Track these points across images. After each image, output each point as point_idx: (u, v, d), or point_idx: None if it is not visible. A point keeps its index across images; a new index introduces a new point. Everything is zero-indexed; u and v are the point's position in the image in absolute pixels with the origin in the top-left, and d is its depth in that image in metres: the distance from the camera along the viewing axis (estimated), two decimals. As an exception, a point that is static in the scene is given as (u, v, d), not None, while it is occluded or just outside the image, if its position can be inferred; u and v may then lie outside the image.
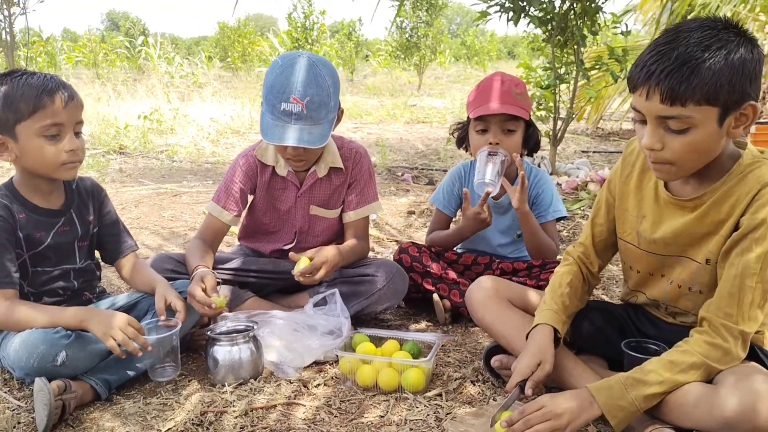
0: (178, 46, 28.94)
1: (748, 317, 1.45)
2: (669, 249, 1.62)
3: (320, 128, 2.09)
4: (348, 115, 11.15)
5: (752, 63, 1.36)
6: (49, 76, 1.87)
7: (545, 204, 2.43)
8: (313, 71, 2.08)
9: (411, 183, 5.17)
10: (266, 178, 2.36)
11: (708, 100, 1.35)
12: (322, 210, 2.41)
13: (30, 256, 1.93)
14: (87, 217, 2.06)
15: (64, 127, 1.84)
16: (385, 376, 1.84)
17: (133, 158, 6.76)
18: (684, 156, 1.43)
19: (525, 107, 2.35)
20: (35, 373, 1.72)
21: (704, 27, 1.37)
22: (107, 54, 19.29)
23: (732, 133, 1.41)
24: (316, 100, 2.06)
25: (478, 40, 27.58)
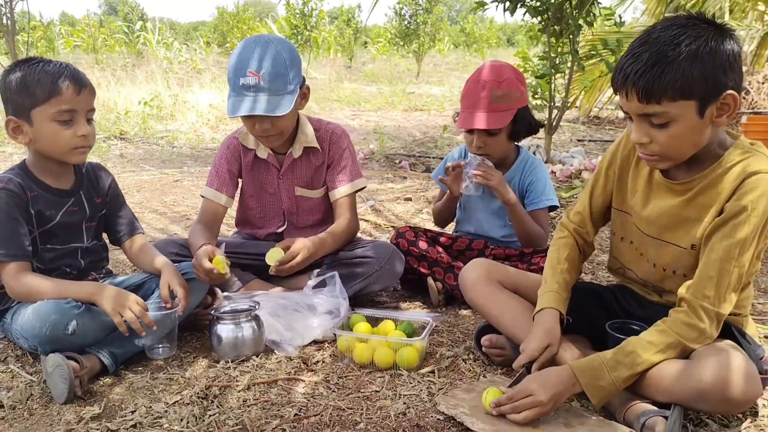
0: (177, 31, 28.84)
1: (724, 299, 1.54)
2: (650, 229, 1.71)
3: (279, 99, 2.17)
4: (346, 103, 11.21)
5: (724, 54, 1.43)
6: (64, 64, 1.96)
7: (538, 191, 2.51)
8: (268, 47, 2.19)
9: (408, 170, 5.25)
10: (249, 161, 2.46)
11: (682, 95, 1.43)
12: (307, 191, 2.49)
13: (40, 234, 2.02)
14: (95, 199, 2.15)
15: (77, 113, 1.93)
16: (381, 353, 1.93)
17: (133, 144, 6.83)
18: (670, 147, 1.52)
19: (509, 107, 2.39)
20: (47, 342, 1.82)
21: (675, 25, 1.45)
22: (106, 39, 19.25)
23: (716, 122, 1.49)
24: (272, 72, 2.15)
25: (477, 27, 27.55)
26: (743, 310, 1.69)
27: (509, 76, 2.40)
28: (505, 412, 1.57)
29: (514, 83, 2.41)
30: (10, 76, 1.93)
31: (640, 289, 1.85)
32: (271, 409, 1.72)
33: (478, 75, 2.42)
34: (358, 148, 6.41)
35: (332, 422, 1.65)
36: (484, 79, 2.39)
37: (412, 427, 1.62)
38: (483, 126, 2.36)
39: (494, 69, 2.41)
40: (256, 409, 1.71)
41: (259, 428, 1.62)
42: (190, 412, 1.68)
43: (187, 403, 1.74)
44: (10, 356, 2.03)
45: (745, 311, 1.71)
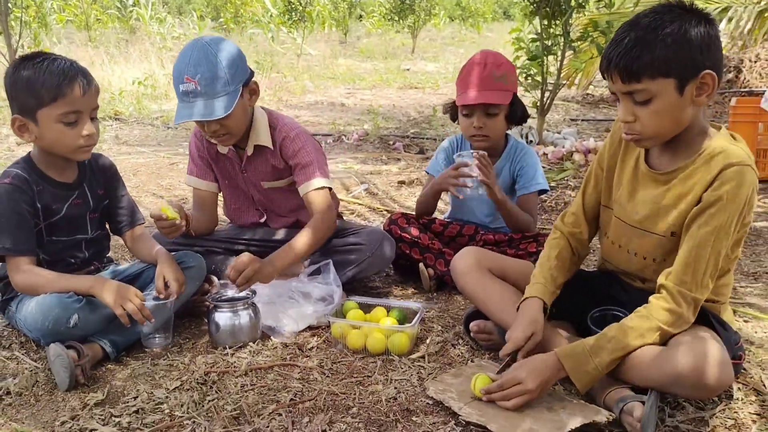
0: (170, 5, 28.52)
1: (701, 285, 1.61)
2: (634, 219, 1.78)
3: (217, 101, 2.17)
4: (341, 80, 11.18)
5: (699, 36, 1.52)
6: (69, 62, 1.98)
7: (528, 176, 2.58)
8: (203, 51, 2.17)
9: (402, 152, 5.29)
10: (213, 155, 2.50)
11: (661, 73, 1.53)
12: (274, 182, 2.50)
13: (45, 226, 2.07)
14: (98, 191, 2.20)
15: (82, 114, 1.97)
16: (373, 340, 2.01)
17: (128, 125, 6.85)
18: (653, 124, 1.60)
19: (507, 88, 2.47)
20: (50, 334, 1.89)
21: (655, 11, 1.57)
22: (99, 15, 19.07)
23: (696, 101, 1.57)
24: (207, 76, 2.15)
25: (473, 1, 27.29)
26: (721, 297, 1.76)
27: (505, 61, 2.53)
28: (495, 399, 1.65)
29: (510, 67, 2.53)
30: (16, 74, 1.96)
31: (624, 276, 1.92)
32: (268, 394, 1.79)
33: (476, 59, 2.51)
34: (352, 128, 6.44)
35: (326, 406, 1.72)
36: (485, 61, 2.47)
37: (402, 411, 1.70)
38: (490, 100, 2.43)
39: (492, 54, 2.52)
40: (253, 394, 1.79)
41: (257, 413, 1.70)
42: (190, 397, 1.76)
43: (187, 389, 1.81)
44: (14, 343, 2.10)
45: (724, 298, 1.78)
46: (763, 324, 2.17)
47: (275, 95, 8.79)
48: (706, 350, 1.54)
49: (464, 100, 2.46)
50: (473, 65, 2.50)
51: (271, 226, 2.62)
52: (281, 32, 16.74)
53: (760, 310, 2.28)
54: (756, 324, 2.18)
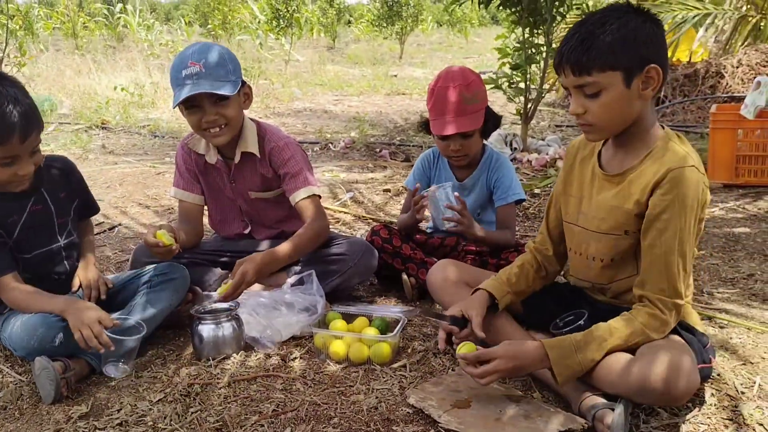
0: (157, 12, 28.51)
1: (677, 290, 1.67)
2: (592, 223, 1.83)
3: (221, 84, 2.22)
4: (329, 87, 11.23)
5: (645, 32, 1.61)
6: (11, 102, 1.87)
7: (505, 187, 2.61)
8: (207, 45, 2.30)
9: (388, 159, 5.33)
10: (201, 167, 2.52)
11: (609, 66, 1.60)
12: (261, 193, 2.53)
13: (14, 243, 2.06)
14: (59, 193, 2.18)
15: (19, 156, 1.93)
16: (355, 350, 2.03)
17: (115, 134, 6.85)
18: (602, 116, 1.67)
19: (479, 107, 2.49)
20: (36, 353, 1.90)
21: (603, 10, 1.67)
22: (86, 22, 19.01)
23: (643, 94, 1.64)
24: (213, 61, 2.22)
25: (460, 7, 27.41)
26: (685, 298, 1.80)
27: (473, 77, 2.51)
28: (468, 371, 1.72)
29: (478, 83, 2.52)
30: None
31: (588, 291, 1.97)
32: (251, 405, 1.82)
33: (445, 81, 2.48)
34: (340, 136, 6.47)
35: (308, 417, 1.75)
36: (453, 84, 2.46)
37: (382, 420, 1.73)
38: (465, 129, 2.45)
39: (458, 73, 2.49)
40: (236, 405, 1.81)
41: (239, 424, 1.72)
42: (173, 410, 1.78)
43: (170, 401, 1.83)
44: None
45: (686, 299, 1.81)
46: (739, 330, 2.21)
47: (263, 102, 8.82)
48: (670, 360, 1.58)
49: (440, 131, 2.48)
50: (442, 90, 2.48)
51: (256, 237, 2.64)
52: (269, 39, 16.77)
53: (736, 315, 2.32)
54: (731, 330, 2.22)
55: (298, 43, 16.81)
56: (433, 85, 2.53)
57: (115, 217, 3.78)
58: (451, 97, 2.45)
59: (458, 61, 16.53)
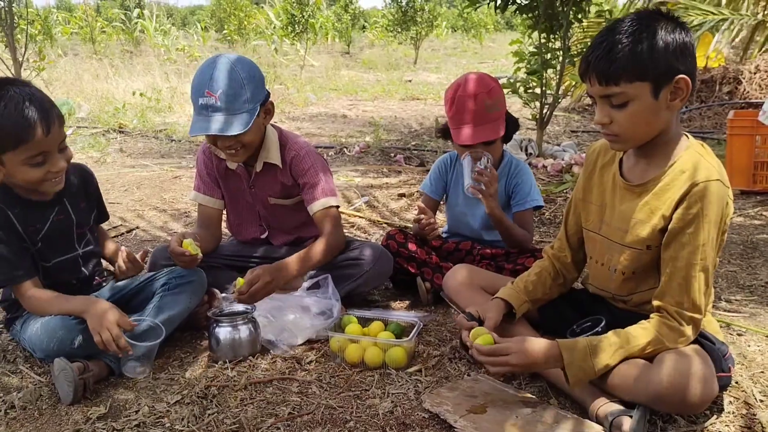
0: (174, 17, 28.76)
1: (697, 303, 1.65)
2: (618, 234, 1.81)
3: (237, 118, 2.21)
4: (344, 92, 11.26)
5: (675, 42, 1.57)
6: (27, 99, 1.88)
7: (523, 193, 2.61)
8: (226, 67, 2.22)
9: (403, 164, 5.33)
10: (222, 171, 2.53)
11: (637, 76, 1.58)
12: (281, 200, 2.54)
13: (37, 250, 2.08)
14: (80, 204, 2.20)
15: (48, 153, 1.94)
16: (371, 354, 2.04)
17: (132, 137, 6.91)
18: (628, 127, 1.64)
19: (500, 114, 2.49)
20: (55, 355, 1.91)
21: (633, 17, 1.62)
22: (104, 27, 19.24)
23: (671, 105, 1.62)
24: (230, 93, 2.20)
25: (475, 12, 27.43)
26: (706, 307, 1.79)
27: (493, 83, 2.51)
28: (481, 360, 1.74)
29: (498, 90, 2.51)
30: None
31: (609, 299, 1.96)
32: (267, 408, 1.82)
33: (465, 89, 2.47)
34: (354, 140, 6.49)
35: (324, 420, 1.76)
36: (473, 92, 2.45)
37: (398, 424, 1.73)
38: (488, 137, 2.46)
39: (478, 81, 2.49)
40: (252, 408, 1.82)
41: (256, 427, 1.73)
42: (191, 411, 1.79)
43: (187, 403, 1.84)
44: (19, 357, 2.14)
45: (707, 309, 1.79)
46: (757, 338, 2.20)
47: (278, 107, 8.86)
48: (688, 368, 1.58)
49: (462, 141, 2.48)
50: (462, 98, 2.47)
51: (273, 242, 2.65)
52: (284, 44, 16.88)
53: (755, 323, 2.30)
54: (749, 337, 2.20)
55: (312, 49, 16.89)
56: (452, 93, 2.52)
57: (132, 220, 3.81)
58: (472, 106, 2.45)
59: (473, 66, 16.53)
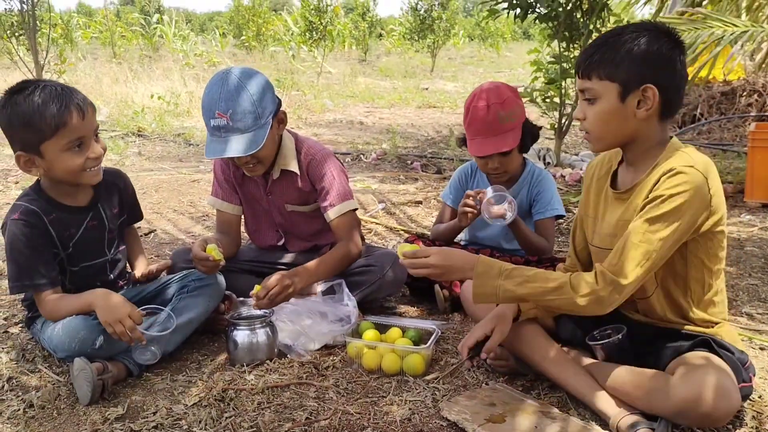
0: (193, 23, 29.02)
1: (624, 270, 1.62)
2: (607, 240, 1.81)
3: (248, 135, 2.20)
4: (360, 99, 11.29)
5: (653, 50, 1.62)
6: (59, 88, 1.93)
7: (545, 201, 2.60)
8: (234, 84, 2.19)
9: (420, 171, 5.33)
10: (239, 178, 2.52)
11: (607, 75, 1.65)
12: (298, 206, 2.53)
13: (66, 256, 2.09)
14: (112, 209, 2.22)
15: (85, 137, 1.96)
16: (388, 360, 2.03)
17: (151, 141, 6.96)
18: (596, 125, 1.70)
19: (515, 125, 2.47)
20: (76, 355, 1.91)
21: (629, 25, 1.70)
22: (123, 31, 19.44)
23: (638, 113, 1.65)
24: (239, 111, 2.17)
25: (493, 21, 27.45)
26: (716, 316, 1.78)
27: (508, 94, 2.48)
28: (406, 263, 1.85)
29: (514, 100, 2.49)
30: (8, 111, 1.92)
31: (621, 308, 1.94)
32: (284, 412, 1.82)
33: (479, 101, 2.46)
34: (371, 147, 6.50)
35: (341, 426, 1.75)
36: (487, 103, 2.44)
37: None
38: (501, 149, 2.45)
39: (493, 91, 2.47)
40: (269, 412, 1.82)
41: (273, 431, 1.72)
42: (208, 414, 1.79)
43: (204, 405, 1.84)
44: (38, 357, 2.14)
45: (719, 317, 1.79)
46: (780, 352, 2.17)
47: (295, 113, 8.90)
48: (709, 380, 1.56)
49: (477, 152, 2.48)
50: (476, 110, 2.46)
51: (289, 249, 2.65)
52: (302, 50, 16.96)
53: (777, 337, 2.27)
54: (772, 352, 2.17)
55: (330, 56, 16.96)
56: (468, 103, 2.52)
57: (151, 223, 3.83)
58: (486, 117, 2.44)
59: (489, 75, 16.54)
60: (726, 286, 2.68)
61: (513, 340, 1.92)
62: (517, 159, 2.58)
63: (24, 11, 7.88)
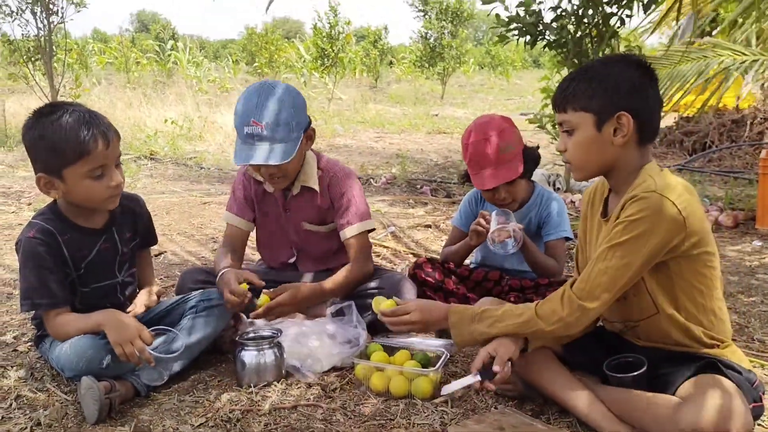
0: (206, 50, 29.41)
1: (592, 295, 1.69)
2: None
3: (281, 146, 2.24)
4: (370, 124, 11.36)
5: (624, 79, 1.68)
6: (87, 115, 1.96)
7: (554, 223, 2.61)
8: (273, 95, 2.25)
9: (429, 196, 5.35)
10: (259, 193, 2.55)
11: (582, 107, 1.71)
12: (314, 226, 2.55)
13: (77, 277, 2.10)
14: (126, 233, 2.23)
15: (107, 166, 1.99)
16: (396, 383, 2.02)
17: (163, 164, 7.02)
18: (575, 155, 1.77)
19: (516, 153, 2.48)
20: (83, 374, 1.91)
21: (605, 57, 1.76)
22: (138, 58, 19.72)
23: (615, 141, 1.69)
24: (275, 121, 2.23)
25: (502, 50, 27.65)
26: (720, 335, 1.77)
27: (503, 125, 2.49)
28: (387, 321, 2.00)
29: (510, 129, 2.50)
30: (34, 132, 1.95)
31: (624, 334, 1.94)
32: (291, 434, 1.81)
33: (476, 134, 2.47)
34: (381, 172, 6.53)
35: (348, 448, 1.73)
36: (484, 137, 2.45)
37: (423, 455, 1.70)
38: (507, 179, 2.45)
39: (487, 124, 2.49)
40: (276, 433, 1.81)
41: (279, 452, 1.71)
42: (215, 434, 1.78)
43: (211, 426, 1.84)
44: (46, 375, 2.15)
45: (723, 336, 1.78)
46: (793, 378, 2.14)
47: (305, 138, 8.94)
48: (721, 404, 1.55)
49: (482, 186, 2.49)
50: (475, 144, 2.46)
51: (300, 268, 2.66)
52: (313, 77, 17.12)
53: (790, 364, 2.24)
54: (786, 378, 2.14)
55: (341, 82, 17.12)
56: (465, 139, 2.53)
57: (161, 245, 3.84)
58: (486, 149, 2.45)
59: (499, 102, 16.62)
60: (737, 313, 2.69)
61: (522, 365, 1.91)
62: (524, 185, 2.58)
63: (40, 36, 8.02)
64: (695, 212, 1.65)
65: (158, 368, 2.02)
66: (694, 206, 1.66)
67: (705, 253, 1.70)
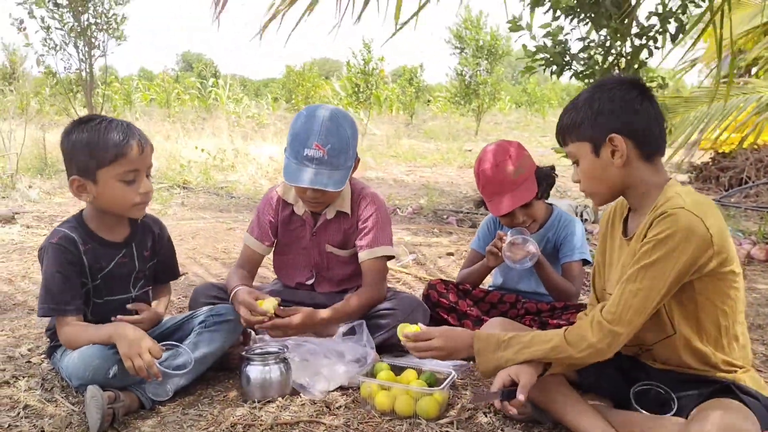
0: (247, 87, 30.11)
1: (622, 319, 1.63)
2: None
3: (339, 173, 2.28)
4: (403, 159, 11.41)
5: (606, 100, 1.69)
6: (125, 123, 2.07)
7: (571, 246, 2.57)
8: (335, 121, 2.28)
9: (455, 226, 5.31)
10: (287, 215, 2.55)
11: (578, 137, 1.74)
12: (337, 249, 2.55)
13: (93, 287, 2.14)
14: (144, 252, 2.26)
15: (139, 172, 2.06)
16: (402, 402, 1.97)
17: (195, 193, 7.14)
18: (586, 183, 1.78)
19: (528, 175, 2.46)
20: (90, 383, 1.92)
21: (589, 87, 1.78)
22: (180, 94, 20.27)
23: (615, 163, 1.69)
24: (337, 147, 2.26)
25: (539, 88, 27.69)
26: (741, 360, 1.72)
27: (513, 150, 2.48)
28: (410, 346, 1.93)
29: (520, 152, 2.49)
30: (73, 136, 2.04)
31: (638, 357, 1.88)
32: (291, 449, 1.78)
33: (486, 162, 2.47)
34: (408, 203, 6.52)
35: (347, 465, 1.69)
36: (495, 162, 2.45)
37: (423, 474, 1.65)
38: (521, 202, 2.44)
39: (497, 150, 2.48)
40: (276, 448, 1.78)
41: (277, 467, 1.68)
42: (214, 447, 1.76)
43: (212, 439, 1.82)
44: (56, 387, 2.16)
45: (742, 362, 1.73)
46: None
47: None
48: (731, 424, 1.50)
49: (498, 212, 2.47)
50: (487, 172, 2.46)
51: (317, 289, 2.65)
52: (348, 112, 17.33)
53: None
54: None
55: (376, 118, 17.32)
56: (477, 167, 2.53)
57: (184, 267, 3.88)
58: (498, 175, 2.44)
59: (534, 138, 16.56)
60: (765, 345, 2.58)
61: (533, 389, 1.85)
62: (541, 206, 2.55)
63: (82, 69, 8.31)
64: (722, 229, 1.62)
65: (166, 384, 2.02)
66: (720, 223, 1.62)
67: (731, 272, 1.65)
